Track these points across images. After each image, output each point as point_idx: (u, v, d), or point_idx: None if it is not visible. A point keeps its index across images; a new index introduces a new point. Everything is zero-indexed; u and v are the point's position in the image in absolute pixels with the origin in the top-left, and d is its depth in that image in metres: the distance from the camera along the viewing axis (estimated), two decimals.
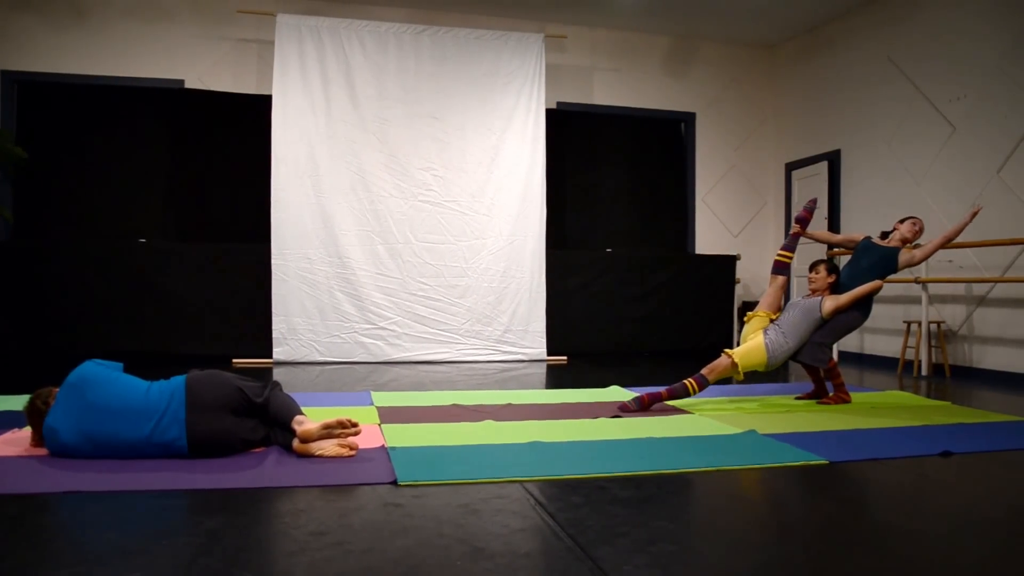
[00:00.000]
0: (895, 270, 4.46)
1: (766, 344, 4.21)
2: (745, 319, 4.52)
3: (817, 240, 4.91)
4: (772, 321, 4.36)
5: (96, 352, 3.91)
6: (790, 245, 4.59)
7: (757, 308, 4.48)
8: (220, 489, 2.44)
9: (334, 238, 6.80)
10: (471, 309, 7.07)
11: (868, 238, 4.63)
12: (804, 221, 4.60)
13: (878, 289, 4.34)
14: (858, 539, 2.10)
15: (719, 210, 8.60)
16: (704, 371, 4.14)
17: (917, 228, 4.53)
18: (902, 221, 4.59)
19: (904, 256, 4.41)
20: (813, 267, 4.55)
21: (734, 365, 4.17)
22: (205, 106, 7.27)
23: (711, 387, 4.79)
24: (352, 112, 6.92)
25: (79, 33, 7.03)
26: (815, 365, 4.35)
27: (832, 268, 4.50)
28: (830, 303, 4.30)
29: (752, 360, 4.20)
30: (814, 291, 4.48)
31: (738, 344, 4.44)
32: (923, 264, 6.26)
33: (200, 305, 6.71)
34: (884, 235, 4.63)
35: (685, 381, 4.11)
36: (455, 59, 7.17)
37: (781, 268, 4.52)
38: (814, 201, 4.72)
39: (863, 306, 4.39)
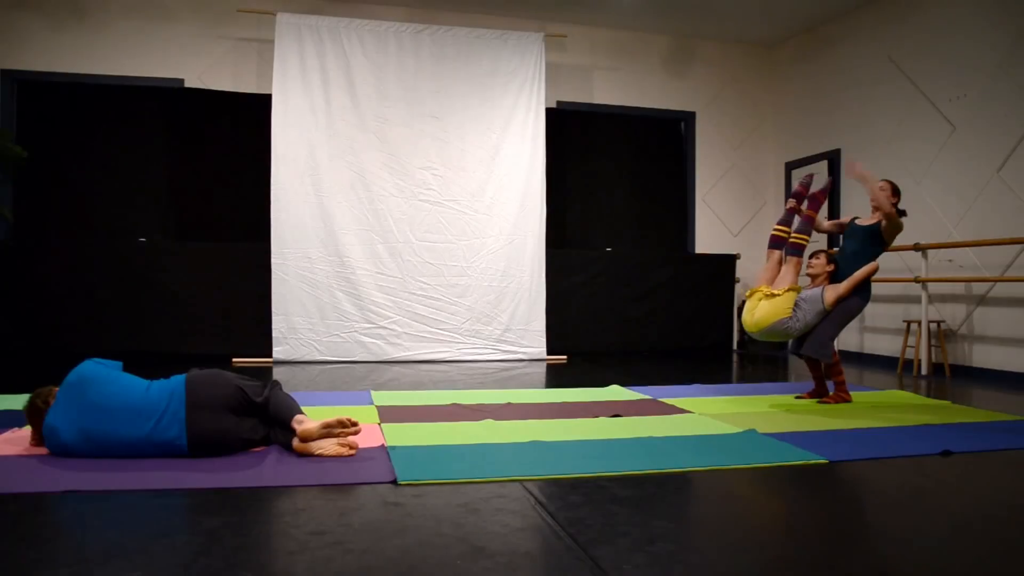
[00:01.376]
0: (885, 242, 4.36)
1: (793, 311, 4.23)
2: (746, 295, 4.50)
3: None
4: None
5: (96, 351, 3.91)
6: (785, 219, 4.55)
7: (757, 284, 4.47)
8: (220, 489, 2.44)
9: (334, 237, 6.80)
10: (471, 308, 7.07)
11: (855, 220, 4.59)
12: (799, 196, 4.57)
13: (874, 271, 4.30)
14: (858, 539, 2.10)
15: (719, 209, 8.60)
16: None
17: (881, 188, 4.43)
18: None
19: (887, 225, 4.33)
20: (814, 254, 4.55)
21: (787, 279, 4.28)
22: (205, 105, 7.27)
23: (711, 386, 4.82)
24: (352, 111, 6.91)
25: (79, 32, 7.02)
26: (819, 359, 4.34)
27: (832, 259, 4.51)
28: (831, 293, 4.29)
29: (782, 298, 4.21)
30: (813, 278, 4.47)
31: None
32: (923, 264, 6.30)
33: (200, 304, 6.71)
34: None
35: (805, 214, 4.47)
36: (455, 58, 7.17)
37: (777, 242, 4.50)
38: (810, 176, 4.68)
39: (862, 291, 4.33)
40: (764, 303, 4.26)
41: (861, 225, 4.46)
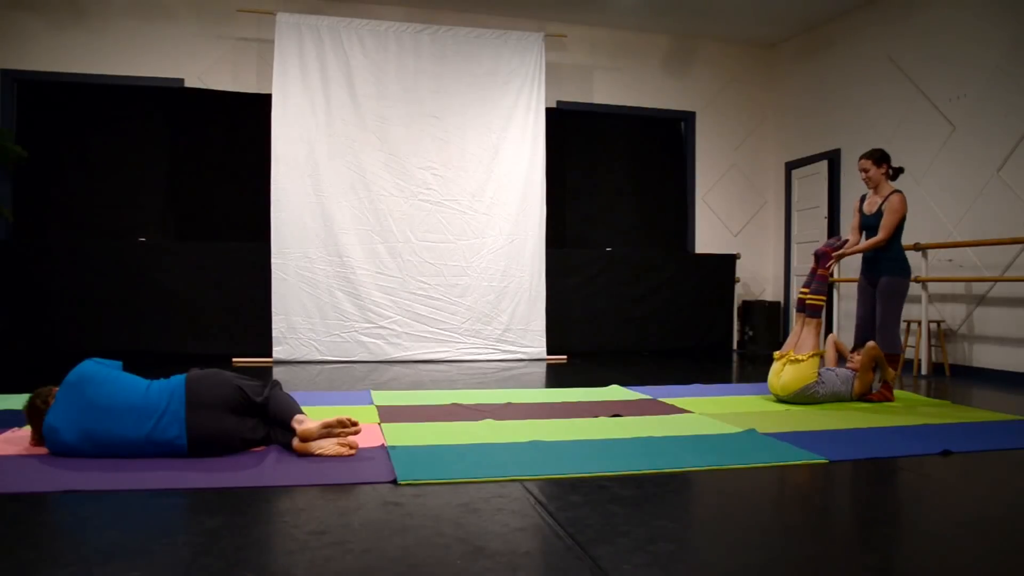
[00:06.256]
0: (875, 226, 4.50)
1: (819, 376, 4.25)
2: (775, 357, 4.45)
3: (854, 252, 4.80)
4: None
5: (96, 351, 3.91)
6: (808, 281, 4.53)
7: (784, 348, 4.44)
8: (220, 489, 2.44)
9: (334, 237, 6.80)
10: (471, 308, 7.07)
11: (862, 207, 4.72)
12: (818, 256, 4.51)
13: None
14: (858, 538, 2.11)
15: (719, 209, 8.60)
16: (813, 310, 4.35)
17: (863, 175, 4.71)
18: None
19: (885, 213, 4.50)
20: (853, 353, 4.56)
21: (815, 343, 4.27)
22: (205, 105, 7.27)
23: (711, 386, 4.81)
24: (352, 111, 6.92)
25: (79, 32, 7.02)
26: (892, 352, 4.42)
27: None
28: (858, 383, 4.35)
29: (806, 364, 4.20)
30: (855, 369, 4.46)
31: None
32: (923, 263, 6.31)
33: (200, 304, 6.72)
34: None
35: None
36: (455, 58, 7.17)
37: (803, 306, 4.46)
38: (837, 239, 4.66)
39: (902, 270, 4.50)
40: (789, 368, 4.26)
41: (868, 215, 4.62)
